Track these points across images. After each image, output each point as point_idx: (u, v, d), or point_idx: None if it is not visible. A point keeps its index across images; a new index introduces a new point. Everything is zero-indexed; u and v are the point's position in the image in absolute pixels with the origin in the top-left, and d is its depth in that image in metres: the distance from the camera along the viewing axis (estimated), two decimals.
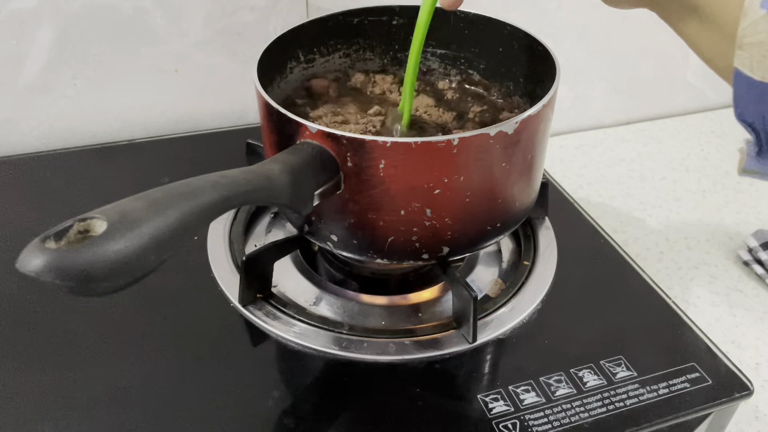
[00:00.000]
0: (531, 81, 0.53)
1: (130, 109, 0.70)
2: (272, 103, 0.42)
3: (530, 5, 0.76)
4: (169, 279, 0.49)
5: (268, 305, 0.48)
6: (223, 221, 0.56)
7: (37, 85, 0.65)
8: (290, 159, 0.39)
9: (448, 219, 0.43)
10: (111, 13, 0.64)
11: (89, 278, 0.27)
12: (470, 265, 0.55)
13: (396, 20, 0.57)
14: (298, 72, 0.55)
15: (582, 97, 0.85)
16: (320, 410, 0.42)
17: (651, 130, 0.87)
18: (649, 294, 0.52)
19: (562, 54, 0.54)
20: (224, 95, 0.72)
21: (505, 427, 0.41)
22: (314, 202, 0.40)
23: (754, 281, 0.62)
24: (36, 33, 0.63)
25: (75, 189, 0.60)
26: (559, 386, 0.43)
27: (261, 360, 0.45)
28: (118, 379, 0.43)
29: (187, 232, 0.31)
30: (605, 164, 0.79)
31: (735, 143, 0.84)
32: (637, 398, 0.43)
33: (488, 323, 0.48)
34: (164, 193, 0.31)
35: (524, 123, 0.41)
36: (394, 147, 0.39)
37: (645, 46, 0.83)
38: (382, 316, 0.49)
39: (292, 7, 0.68)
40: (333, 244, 0.45)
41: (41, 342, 0.45)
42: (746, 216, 0.71)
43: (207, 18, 0.67)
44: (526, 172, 0.45)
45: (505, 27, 0.53)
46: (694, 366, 0.45)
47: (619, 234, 0.67)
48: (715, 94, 0.91)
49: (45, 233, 0.28)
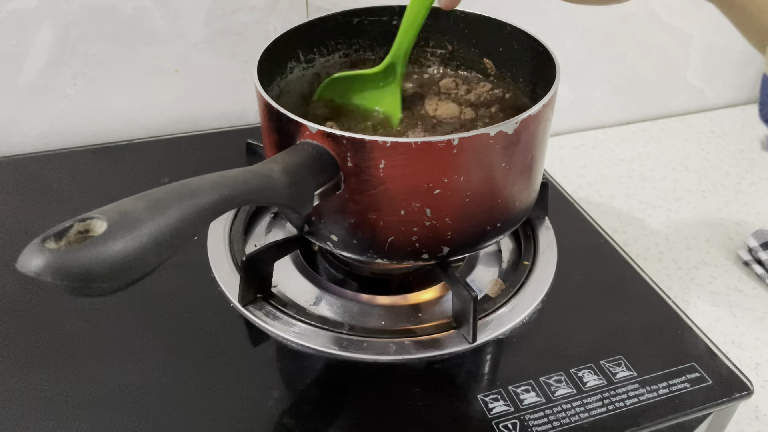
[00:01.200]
0: (531, 81, 0.53)
1: (130, 109, 0.70)
2: (272, 103, 0.42)
3: (530, 5, 0.76)
4: (169, 279, 0.49)
5: (268, 305, 0.48)
6: (223, 221, 0.56)
7: (37, 85, 0.65)
8: (290, 159, 0.39)
9: (448, 219, 0.43)
10: (111, 13, 0.64)
11: (89, 278, 0.27)
12: (470, 265, 0.55)
13: (396, 20, 0.57)
14: (298, 72, 0.55)
15: (582, 97, 0.85)
16: (320, 410, 0.42)
17: (651, 130, 0.87)
18: (649, 294, 0.52)
19: (562, 54, 0.54)
20: (224, 95, 0.72)
21: (505, 427, 0.41)
22: (314, 202, 0.40)
23: (754, 281, 0.62)
24: (36, 33, 0.63)
25: (75, 189, 0.60)
26: (559, 386, 0.43)
27: (261, 360, 0.45)
28: (118, 379, 0.43)
29: (187, 233, 0.31)
30: (605, 164, 0.79)
31: (735, 143, 0.84)
32: (637, 398, 0.43)
33: (488, 323, 0.48)
34: (164, 193, 0.31)
35: (524, 123, 0.41)
36: (394, 147, 0.39)
37: (645, 46, 0.83)
38: (382, 316, 0.49)
39: (292, 7, 0.68)
40: (333, 244, 0.45)
41: (41, 342, 0.45)
42: (746, 216, 0.71)
43: (207, 18, 0.67)
44: (526, 172, 0.45)
45: (505, 27, 0.53)
46: (694, 366, 0.45)
47: (619, 234, 0.68)
48: (715, 94, 0.91)
49: (45, 233, 0.28)
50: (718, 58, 0.88)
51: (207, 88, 0.71)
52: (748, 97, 0.94)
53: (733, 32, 0.46)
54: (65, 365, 0.44)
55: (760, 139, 0.41)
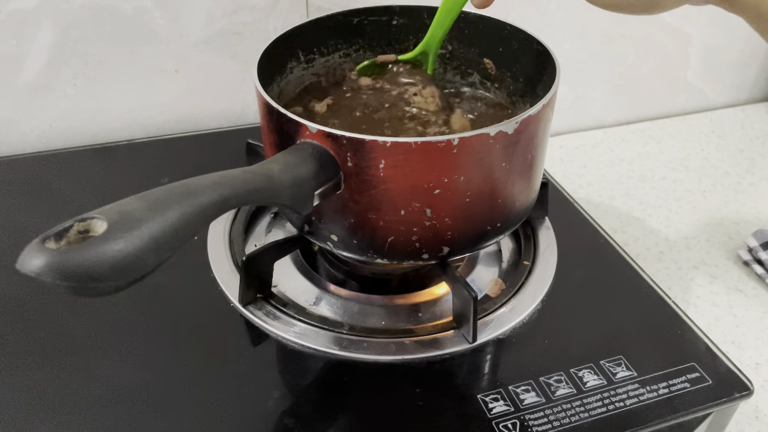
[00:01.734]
0: (531, 81, 0.53)
1: (130, 109, 0.70)
2: (272, 103, 0.42)
3: (530, 5, 0.76)
4: (169, 279, 0.49)
5: (268, 305, 0.48)
6: (223, 221, 0.56)
7: (37, 85, 0.65)
8: (290, 159, 0.39)
9: (448, 219, 0.43)
10: (111, 13, 0.64)
11: (89, 278, 0.27)
12: (470, 265, 0.55)
13: (396, 20, 0.57)
14: (298, 72, 0.55)
15: (582, 97, 0.85)
16: (320, 410, 0.42)
17: (651, 130, 0.87)
18: (649, 294, 0.52)
19: (562, 54, 0.54)
20: (224, 95, 0.72)
21: (505, 427, 0.41)
22: (314, 202, 0.40)
23: (754, 281, 0.62)
24: (36, 33, 0.63)
25: (75, 189, 0.60)
26: (559, 386, 0.43)
27: (261, 360, 0.45)
28: (118, 379, 0.43)
29: (187, 233, 0.31)
30: (605, 164, 0.79)
31: (735, 143, 0.84)
32: (637, 398, 0.43)
33: (488, 323, 0.48)
34: (164, 193, 0.31)
35: (524, 123, 0.41)
36: (394, 147, 0.39)
37: (645, 46, 0.83)
38: (382, 316, 0.49)
39: (292, 7, 0.68)
40: (333, 244, 0.45)
41: (41, 342, 0.45)
42: (746, 216, 0.71)
43: (207, 18, 0.67)
44: (526, 172, 0.45)
45: (505, 27, 0.53)
46: (694, 366, 0.45)
47: (619, 234, 0.68)
48: (715, 94, 0.91)
49: (45, 233, 0.28)
50: (718, 58, 0.88)
51: (207, 88, 0.71)
52: (748, 97, 0.94)
53: (733, 32, 0.46)
54: (65, 365, 0.44)
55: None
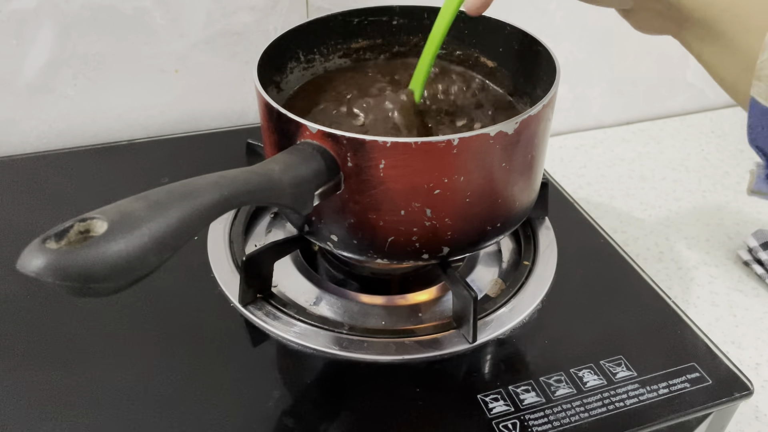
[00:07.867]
0: (531, 81, 0.53)
1: (130, 109, 0.70)
2: (272, 103, 0.42)
3: (530, 5, 0.76)
4: (169, 279, 0.49)
5: (268, 305, 0.48)
6: (223, 221, 0.56)
7: (37, 85, 0.65)
8: (290, 159, 0.39)
9: (448, 219, 0.43)
10: (111, 13, 0.64)
11: (90, 278, 0.27)
12: (470, 265, 0.55)
13: (396, 20, 0.57)
14: (298, 72, 0.55)
15: (582, 97, 0.85)
16: (320, 410, 0.42)
17: (651, 130, 0.87)
18: (649, 294, 0.52)
19: (562, 54, 0.54)
20: (224, 95, 0.72)
21: (505, 427, 0.41)
22: (314, 202, 0.40)
23: (754, 281, 0.62)
24: (36, 33, 0.63)
25: (75, 189, 0.60)
26: (559, 386, 0.43)
27: (261, 360, 0.45)
28: (118, 379, 0.43)
29: (187, 233, 0.31)
30: (605, 164, 0.79)
31: (735, 143, 0.84)
32: (637, 398, 0.43)
33: (488, 323, 0.48)
34: (164, 193, 0.31)
35: (524, 123, 0.41)
36: (394, 147, 0.39)
37: (645, 46, 0.83)
38: (382, 316, 0.49)
39: (292, 7, 0.68)
40: (333, 244, 0.45)
41: (41, 342, 0.45)
42: (746, 216, 0.71)
43: (207, 18, 0.67)
44: (526, 172, 0.45)
45: (505, 27, 0.53)
46: (694, 366, 0.45)
47: (619, 234, 0.68)
48: (714, 94, 0.91)
49: (45, 233, 0.28)
50: None
51: (207, 88, 0.71)
52: None
53: None
54: (65, 365, 0.44)
55: (749, 170, 0.41)
